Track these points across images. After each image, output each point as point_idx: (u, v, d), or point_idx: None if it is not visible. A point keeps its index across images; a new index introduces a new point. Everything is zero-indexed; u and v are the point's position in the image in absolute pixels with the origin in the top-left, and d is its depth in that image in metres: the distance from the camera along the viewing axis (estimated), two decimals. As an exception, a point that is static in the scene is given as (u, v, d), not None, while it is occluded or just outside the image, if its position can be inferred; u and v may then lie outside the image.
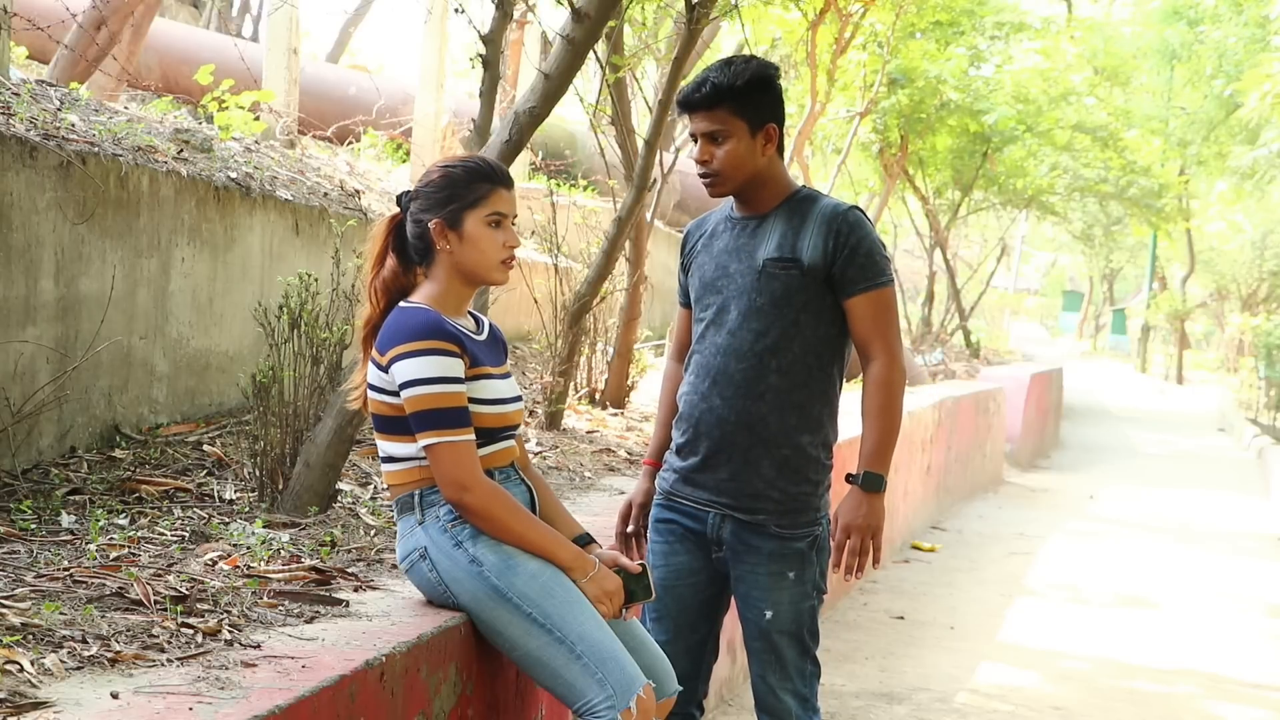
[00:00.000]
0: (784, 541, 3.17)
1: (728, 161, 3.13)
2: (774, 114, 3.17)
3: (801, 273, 3.12)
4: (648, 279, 7.31)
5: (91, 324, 4.32)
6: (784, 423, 3.15)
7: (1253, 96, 13.28)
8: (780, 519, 3.17)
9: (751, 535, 3.18)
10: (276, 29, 7.86)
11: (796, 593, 3.19)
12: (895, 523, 8.53)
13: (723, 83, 3.10)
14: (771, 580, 3.18)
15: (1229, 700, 6.00)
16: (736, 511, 3.18)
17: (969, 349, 17.36)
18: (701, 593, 3.29)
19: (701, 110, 3.13)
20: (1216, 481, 14.15)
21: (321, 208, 5.71)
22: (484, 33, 5.08)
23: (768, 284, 3.14)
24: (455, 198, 2.97)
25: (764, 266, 3.14)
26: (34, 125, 4.23)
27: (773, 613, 3.18)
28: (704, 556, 3.26)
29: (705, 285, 3.24)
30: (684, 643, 3.29)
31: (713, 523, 3.21)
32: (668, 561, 3.29)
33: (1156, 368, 30.93)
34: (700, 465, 3.22)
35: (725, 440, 3.17)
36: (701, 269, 3.26)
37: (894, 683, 5.79)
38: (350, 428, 3.98)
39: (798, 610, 3.20)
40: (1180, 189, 19.55)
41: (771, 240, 3.15)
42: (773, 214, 3.19)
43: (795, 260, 3.12)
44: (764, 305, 3.14)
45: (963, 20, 13.38)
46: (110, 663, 2.44)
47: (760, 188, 3.19)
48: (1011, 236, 33.14)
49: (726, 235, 3.24)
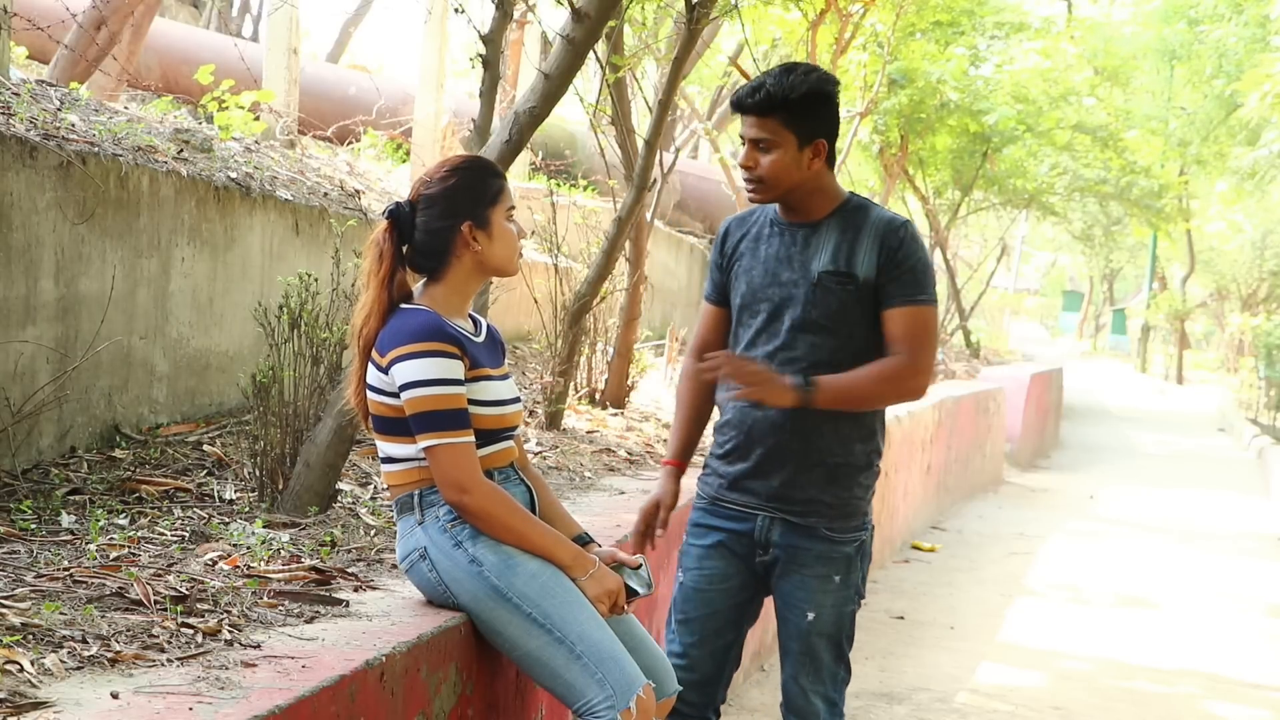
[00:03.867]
0: (832, 545, 3.18)
1: (771, 171, 3.09)
2: (827, 130, 3.13)
3: (857, 287, 3.10)
4: (648, 279, 7.31)
5: (91, 324, 4.32)
6: (838, 431, 3.15)
7: (1253, 96, 13.27)
8: (831, 523, 3.18)
9: (801, 537, 3.18)
10: (276, 29, 7.86)
11: (840, 596, 3.20)
12: (895, 523, 8.54)
13: (778, 93, 3.06)
14: (817, 583, 3.18)
15: (1229, 700, 6.00)
16: (788, 515, 3.18)
17: (969, 349, 17.36)
18: (733, 598, 3.28)
19: (753, 115, 3.09)
20: (1216, 481, 14.15)
21: (321, 208, 5.71)
22: (484, 33, 5.08)
23: (823, 297, 3.11)
24: (480, 197, 2.99)
25: (819, 279, 3.11)
26: (34, 125, 4.23)
27: (815, 614, 3.18)
28: (740, 562, 3.25)
29: (754, 292, 3.20)
30: (709, 647, 3.30)
31: (761, 525, 3.20)
32: (701, 565, 3.28)
33: (1156, 368, 30.93)
34: (752, 471, 3.20)
35: (779, 447, 3.16)
36: (749, 274, 3.21)
37: (894, 683, 5.79)
38: (350, 428, 3.98)
39: (839, 614, 3.21)
40: (1180, 189, 19.54)
41: (825, 252, 3.13)
42: (825, 223, 3.15)
43: (851, 275, 3.10)
44: (818, 318, 3.12)
45: (963, 20, 13.38)
46: (110, 663, 2.44)
47: (808, 196, 3.15)
48: (1011, 236, 33.14)
49: (775, 241, 3.20)
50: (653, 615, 4.20)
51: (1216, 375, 28.45)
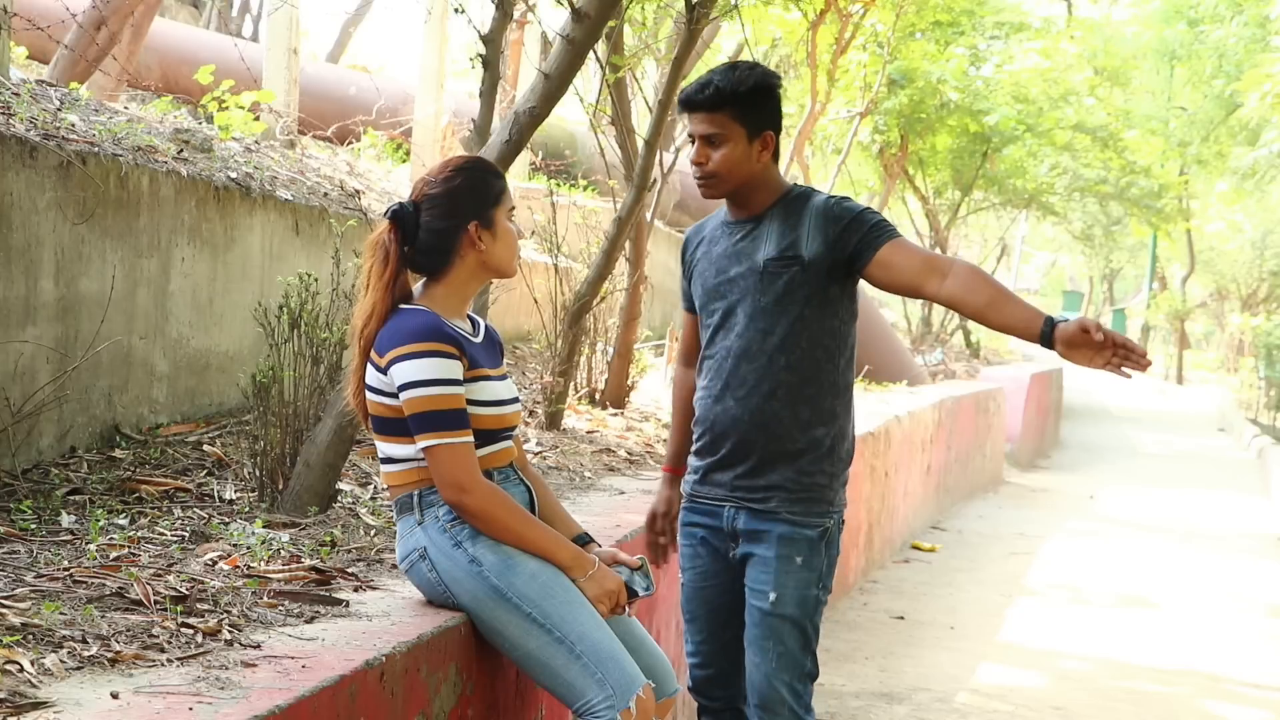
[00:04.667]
0: (794, 528, 3.20)
1: (723, 165, 3.17)
2: (773, 122, 3.23)
3: (803, 268, 3.15)
4: (648, 279, 7.30)
5: (91, 324, 4.32)
6: (797, 417, 3.19)
7: (1253, 96, 13.28)
8: (792, 506, 3.20)
9: (762, 521, 3.21)
10: (276, 29, 7.85)
11: (802, 579, 3.20)
12: (895, 523, 8.54)
13: (725, 87, 3.14)
14: (779, 564, 3.19)
15: (1229, 700, 6.00)
16: (750, 503, 3.22)
17: (969, 349, 17.36)
18: (726, 593, 3.32)
19: (703, 112, 3.17)
20: (1216, 481, 14.15)
21: (321, 208, 5.71)
22: (484, 33, 5.08)
23: (770, 283, 3.18)
24: (485, 198, 3.00)
25: (765, 267, 3.18)
26: (34, 125, 4.22)
27: (776, 595, 3.18)
28: (721, 558, 3.30)
29: (709, 291, 3.28)
30: (718, 641, 3.35)
31: (728, 516, 3.25)
32: (694, 565, 3.36)
33: (1156, 368, 30.92)
34: (717, 464, 3.27)
35: (741, 440, 3.21)
36: (703, 276, 3.31)
37: (894, 683, 5.79)
38: (350, 428, 3.98)
39: (802, 596, 3.20)
40: (1180, 189, 19.54)
41: (770, 241, 3.20)
42: (768, 215, 3.23)
43: (796, 257, 3.16)
44: (768, 305, 3.18)
45: (963, 20, 13.38)
46: (110, 663, 2.43)
47: (754, 191, 3.23)
48: (1011, 236, 33.08)
49: (724, 240, 3.28)
50: (653, 615, 4.20)
51: (1216, 375, 28.44)
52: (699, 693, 3.42)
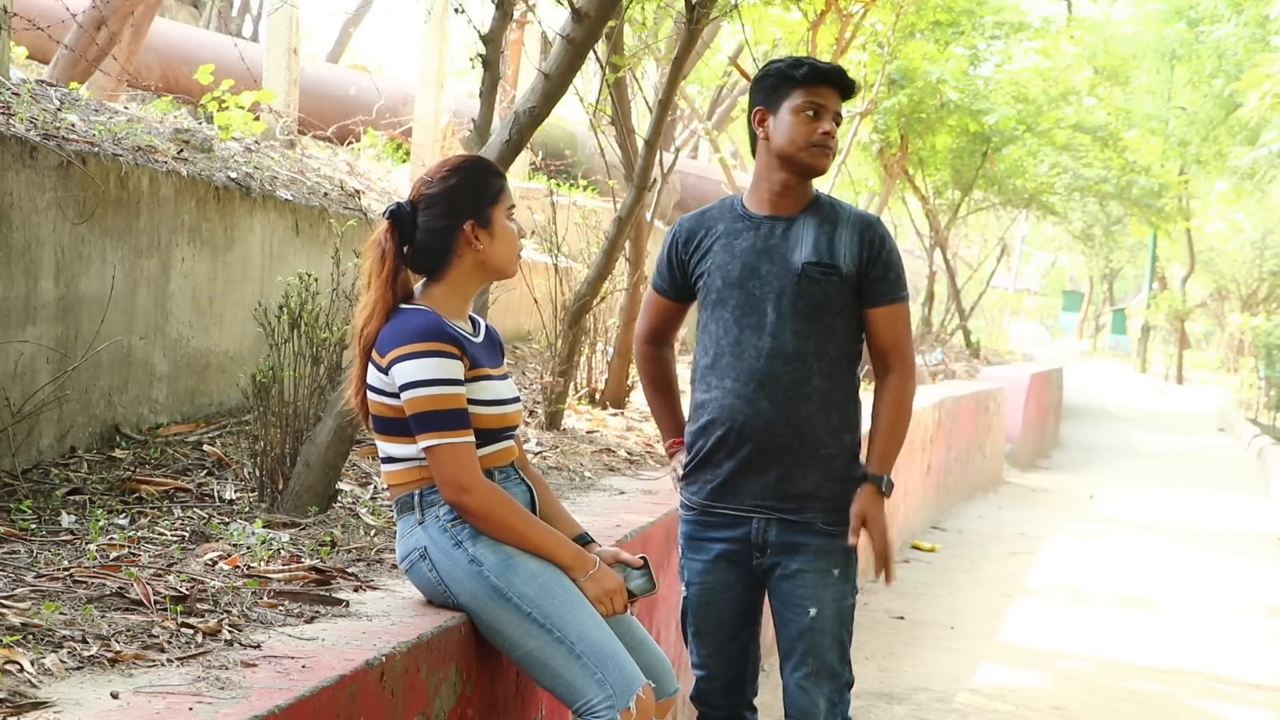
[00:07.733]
0: (830, 538, 3.21)
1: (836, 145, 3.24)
2: None
3: (840, 279, 3.19)
4: (648, 279, 7.30)
5: (91, 324, 4.32)
6: (829, 422, 3.20)
7: (1253, 96, 13.26)
8: (827, 516, 3.20)
9: (799, 534, 3.20)
10: (276, 29, 7.85)
11: (839, 590, 3.22)
12: (895, 523, 8.53)
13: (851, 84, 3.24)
14: (818, 577, 3.20)
15: (1229, 700, 6.00)
16: (784, 513, 3.20)
17: (969, 349, 17.36)
18: (739, 605, 3.32)
19: (838, 92, 3.22)
20: (1216, 481, 14.15)
21: (321, 208, 5.71)
22: (484, 33, 5.08)
23: (807, 287, 3.18)
24: (482, 197, 2.99)
25: (803, 270, 3.18)
26: (34, 125, 4.22)
27: (817, 610, 3.20)
28: (739, 569, 3.27)
29: (730, 283, 3.23)
30: (726, 654, 3.35)
31: (758, 527, 3.22)
32: (704, 580, 3.32)
33: (1156, 368, 30.92)
34: (742, 470, 3.21)
35: (773, 443, 3.18)
36: (725, 269, 3.24)
37: (894, 683, 5.79)
38: (350, 428, 3.98)
39: (840, 608, 3.23)
40: (1180, 189, 19.53)
41: (806, 244, 3.20)
42: (801, 217, 3.24)
43: (834, 266, 3.18)
44: (804, 309, 3.18)
45: (963, 20, 13.37)
46: (110, 663, 2.43)
47: (798, 185, 3.24)
48: (1011, 236, 33.13)
49: (751, 234, 3.24)
50: (653, 615, 4.20)
51: (1216, 375, 28.42)
52: (703, 703, 3.41)
